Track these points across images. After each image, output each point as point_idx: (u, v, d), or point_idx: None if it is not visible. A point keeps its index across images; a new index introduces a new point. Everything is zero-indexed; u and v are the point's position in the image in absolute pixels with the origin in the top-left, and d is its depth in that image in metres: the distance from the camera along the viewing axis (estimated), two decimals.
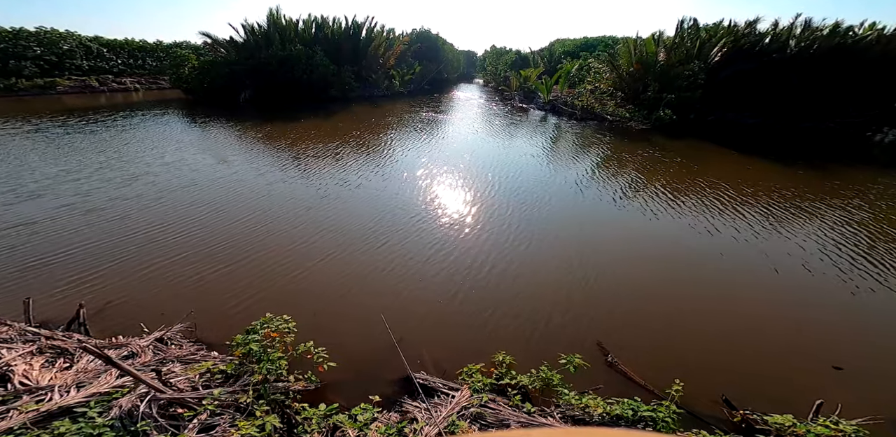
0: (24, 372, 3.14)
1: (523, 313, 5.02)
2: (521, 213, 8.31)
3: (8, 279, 5.32)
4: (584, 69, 27.93)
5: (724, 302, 5.43)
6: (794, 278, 6.14)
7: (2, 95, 24.46)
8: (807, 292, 5.84)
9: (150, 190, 8.91)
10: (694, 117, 18.95)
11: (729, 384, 3.96)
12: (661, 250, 6.95)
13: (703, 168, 12.43)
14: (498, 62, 42.81)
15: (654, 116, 19.03)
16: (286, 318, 3.80)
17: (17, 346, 3.73)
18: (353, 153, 13.08)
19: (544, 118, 22.56)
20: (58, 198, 8.23)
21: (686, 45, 19.44)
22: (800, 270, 6.38)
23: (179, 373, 3.30)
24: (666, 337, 4.69)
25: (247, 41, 25.79)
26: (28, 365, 3.35)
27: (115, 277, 5.44)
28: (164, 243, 6.43)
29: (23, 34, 27.10)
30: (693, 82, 18.41)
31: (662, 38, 20.58)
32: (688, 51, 19.22)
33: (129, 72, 33.01)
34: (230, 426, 2.55)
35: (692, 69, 18.41)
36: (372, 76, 29.48)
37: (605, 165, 12.73)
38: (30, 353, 3.63)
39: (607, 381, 3.96)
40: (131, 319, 4.63)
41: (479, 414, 3.22)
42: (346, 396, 3.37)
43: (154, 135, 14.86)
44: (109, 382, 3.13)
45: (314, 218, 7.69)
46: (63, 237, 6.51)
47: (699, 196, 9.77)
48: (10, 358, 3.41)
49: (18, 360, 3.43)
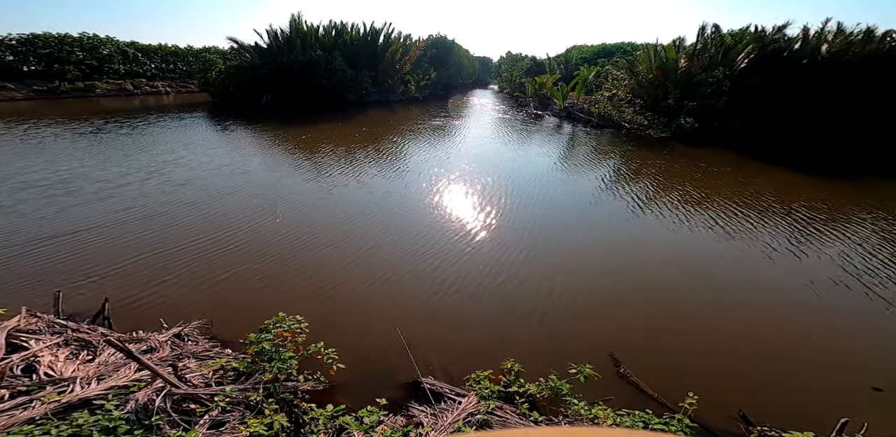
0: (49, 363, 3.30)
1: (534, 320, 4.97)
2: (533, 220, 8.23)
3: (40, 272, 5.60)
4: (601, 76, 27.63)
5: (746, 316, 5.22)
6: (826, 293, 5.86)
7: (45, 97, 25.95)
8: (838, 307, 5.57)
9: (181, 191, 9.25)
10: (717, 125, 18.37)
11: (747, 400, 3.81)
12: (679, 261, 6.76)
13: (726, 178, 12.04)
14: (513, 68, 42.76)
15: (675, 124, 18.60)
16: (299, 318, 3.87)
17: (45, 337, 3.91)
18: (369, 158, 13.28)
19: (559, 125, 22.36)
20: (111, 199, 8.65)
21: (710, 51, 18.95)
22: (831, 285, 6.08)
23: (194, 369, 3.39)
24: (681, 350, 4.55)
25: (270, 46, 26.61)
26: (54, 357, 3.51)
27: (140, 273, 5.66)
28: (187, 243, 6.64)
29: (67, 39, 28.71)
30: (717, 89, 17.92)
31: (684, 45, 20.14)
32: (711, 57, 18.73)
33: (161, 76, 34.52)
34: (239, 423, 2.61)
35: (716, 76, 17.93)
36: (388, 81, 29.93)
37: (622, 174, 12.48)
38: (56, 345, 3.80)
39: (618, 392, 3.86)
40: (152, 314, 4.80)
41: (486, 421, 3.19)
42: (354, 398, 3.40)
43: (180, 137, 15.46)
44: (128, 375, 3.25)
45: (332, 224, 7.82)
46: (95, 234, 6.82)
47: (722, 206, 9.46)
48: (37, 349, 3.58)
49: (45, 351, 3.59)
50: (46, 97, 25.92)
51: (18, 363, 3.37)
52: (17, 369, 3.27)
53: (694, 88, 18.50)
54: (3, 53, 26.26)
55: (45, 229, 6.92)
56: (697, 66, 18.91)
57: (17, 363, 3.36)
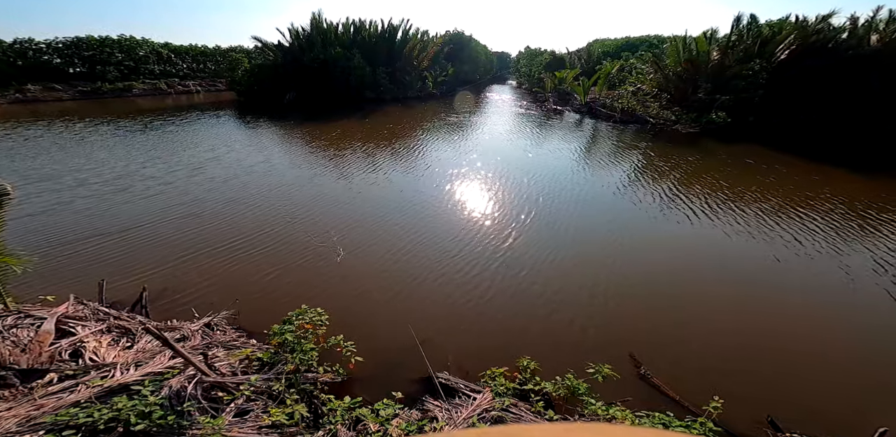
0: (93, 349, 3.55)
1: (553, 319, 4.93)
2: (556, 218, 8.12)
3: (88, 262, 6.01)
4: (625, 70, 26.71)
5: (777, 320, 4.99)
6: (867, 298, 5.51)
7: (89, 97, 27.53)
8: (879, 313, 5.23)
9: (216, 188, 9.64)
10: (753, 120, 17.35)
11: (777, 406, 3.66)
12: (706, 262, 6.50)
13: (762, 176, 11.38)
14: (532, 63, 41.98)
15: (705, 119, 17.75)
16: (320, 311, 3.99)
17: (91, 324, 4.21)
18: (395, 156, 13.42)
19: (580, 121, 21.80)
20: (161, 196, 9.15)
21: (745, 42, 17.89)
22: (873, 290, 5.70)
23: (222, 358, 3.58)
24: (706, 353, 4.40)
25: (292, 45, 27.13)
26: (97, 343, 3.78)
27: (177, 266, 5.97)
28: (223, 239, 6.94)
29: (108, 42, 30.25)
30: (753, 82, 16.94)
31: (716, 37, 19.14)
32: (747, 49, 17.68)
33: (192, 75, 35.86)
34: (262, 412, 2.74)
35: (752, 68, 16.94)
36: (406, 78, 29.92)
37: (649, 171, 12.05)
38: (100, 331, 4.09)
39: (637, 394, 3.79)
40: (184, 304, 5.07)
41: (500, 418, 3.21)
42: (370, 391, 3.50)
43: (218, 134, 16.09)
44: (163, 362, 3.46)
45: (365, 224, 7.95)
46: (140, 230, 7.23)
47: (755, 205, 9.01)
48: (83, 335, 3.87)
49: (90, 337, 3.87)
50: (89, 97, 27.48)
51: (67, 348, 3.65)
52: (65, 353, 3.55)
53: (727, 81, 17.57)
54: (52, 56, 27.96)
55: (96, 224, 7.39)
56: (731, 59, 17.92)
57: (66, 348, 3.64)
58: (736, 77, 17.35)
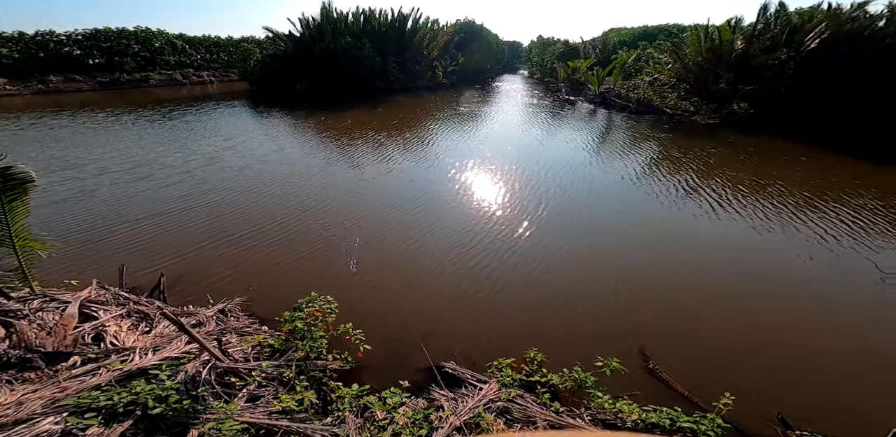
0: (114, 333, 3.70)
1: (562, 312, 4.90)
2: (570, 208, 8.01)
3: (111, 249, 6.22)
4: (642, 60, 25.89)
5: (798, 317, 4.85)
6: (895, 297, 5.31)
7: (107, 87, 28.09)
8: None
9: (232, 177, 9.80)
10: (777, 111, 16.66)
11: (788, 404, 3.59)
12: (726, 256, 6.32)
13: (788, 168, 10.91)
14: (544, 53, 40.94)
15: (726, 110, 17.16)
16: (329, 298, 4.05)
17: (112, 309, 4.37)
18: (405, 146, 13.36)
19: (594, 111, 21.26)
20: (173, 184, 9.38)
21: (773, 31, 17.07)
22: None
23: (235, 344, 3.68)
24: (718, 350, 4.32)
25: (303, 34, 27.02)
26: (118, 327, 3.93)
27: (193, 253, 6.13)
28: (238, 228, 7.08)
29: (125, 33, 30.61)
30: (780, 72, 16.23)
31: (740, 25, 18.31)
32: (774, 38, 16.88)
33: (205, 66, 36.13)
34: (273, 398, 2.82)
35: (779, 58, 16.21)
36: (416, 68, 29.56)
37: (667, 162, 11.72)
38: (120, 316, 4.24)
39: (645, 388, 3.76)
40: (200, 290, 5.21)
41: (506, 408, 3.23)
42: (378, 379, 3.56)
43: (233, 124, 16.29)
44: (180, 347, 3.58)
45: (376, 214, 7.98)
46: (159, 218, 7.43)
47: (780, 198, 8.68)
48: (105, 319, 4.02)
49: (111, 321, 4.02)
50: (109, 88, 28.03)
51: (89, 332, 3.80)
52: (88, 337, 3.70)
53: (752, 71, 16.89)
54: (72, 48, 28.48)
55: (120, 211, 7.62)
56: (757, 48, 17.18)
57: (88, 332, 3.79)
58: (761, 67, 16.66)
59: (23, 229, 4.31)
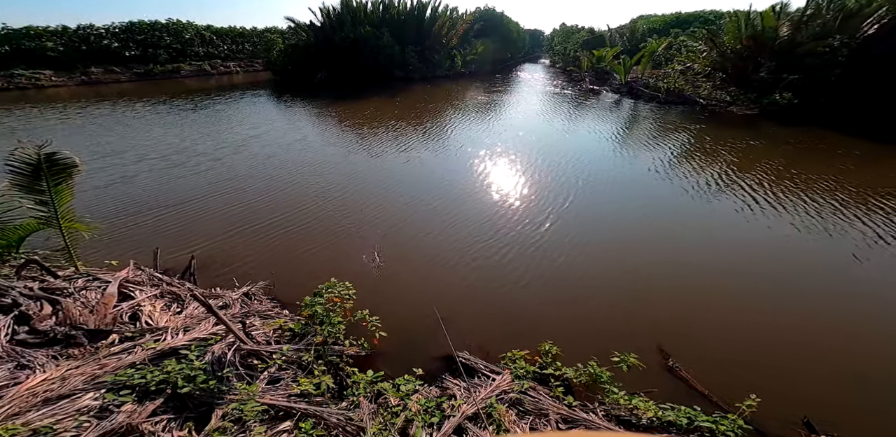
0: (149, 313, 3.93)
1: (581, 306, 4.83)
2: (597, 201, 7.81)
3: (146, 231, 6.57)
4: (673, 48, 24.59)
5: (835, 319, 4.58)
6: None
7: (142, 78, 29.25)
8: None
9: (259, 164, 10.08)
10: (825, 102, 15.47)
11: (815, 408, 3.43)
12: (765, 255, 5.97)
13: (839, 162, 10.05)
14: (567, 41, 39.60)
15: (767, 100, 16.12)
16: (348, 284, 4.14)
17: (147, 289, 4.64)
18: (427, 135, 13.30)
19: (619, 101, 20.40)
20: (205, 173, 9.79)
21: (824, 16, 15.75)
22: None
23: (258, 327, 3.84)
24: (742, 350, 4.16)
25: (323, 24, 27.14)
26: (152, 307, 4.17)
27: (222, 237, 6.40)
28: (264, 215, 7.32)
29: (158, 26, 31.61)
30: (830, 60, 15.02)
31: (786, 11, 17.08)
32: (825, 24, 15.58)
33: (231, 56, 36.92)
34: (292, 381, 2.94)
35: (830, 45, 14.96)
36: (435, 57, 29.20)
37: (702, 154, 11.12)
38: (154, 296, 4.50)
39: (663, 386, 3.68)
40: (226, 272, 5.45)
41: (518, 400, 3.25)
42: (392, 366, 3.64)
43: (260, 112, 16.70)
44: (207, 329, 3.77)
45: (398, 204, 8.04)
46: (191, 203, 7.77)
47: (830, 195, 8.06)
48: (140, 299, 4.28)
49: (146, 302, 4.28)
50: (143, 79, 29.19)
51: (127, 311, 4.06)
52: (125, 316, 3.96)
53: (798, 59, 15.76)
54: (111, 41, 29.69)
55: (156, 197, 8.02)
56: (805, 35, 15.97)
57: (126, 311, 4.05)
58: (808, 55, 15.52)
59: (68, 211, 4.60)
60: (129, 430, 2.36)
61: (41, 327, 3.41)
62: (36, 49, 25.80)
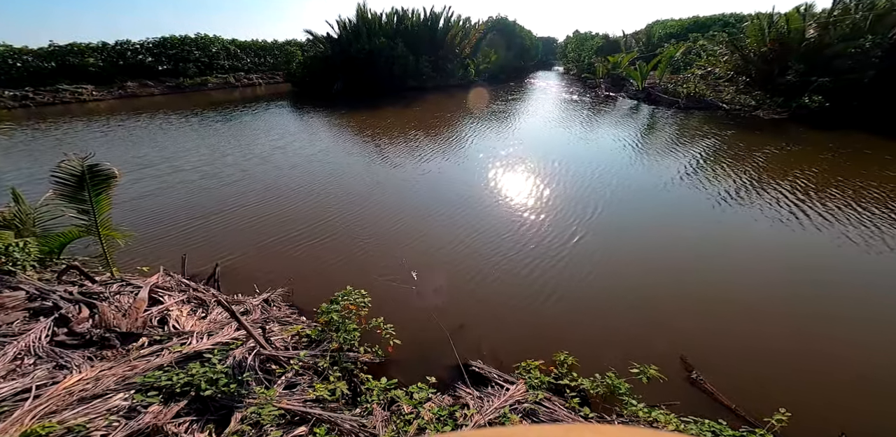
0: (176, 317, 4.11)
1: (598, 314, 4.74)
2: (621, 212, 7.66)
3: (176, 240, 6.89)
4: (692, 52, 24.13)
5: (867, 334, 4.33)
6: None
7: (173, 91, 30.80)
8: None
9: (283, 175, 10.41)
10: (858, 104, 14.80)
11: (851, 425, 3.24)
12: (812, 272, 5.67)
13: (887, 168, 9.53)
14: (581, 48, 39.26)
15: (795, 104, 15.59)
16: (363, 292, 4.20)
17: (175, 294, 4.85)
18: (445, 144, 13.45)
19: (637, 107, 20.07)
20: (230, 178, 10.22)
21: (853, 17, 15.16)
22: None
23: (277, 333, 3.95)
24: (770, 363, 3.98)
25: (340, 36, 27.94)
26: (179, 312, 4.36)
27: (246, 247, 6.63)
28: (287, 226, 7.55)
29: (187, 40, 33.30)
30: (862, 62, 14.41)
31: (812, 12, 16.55)
32: (855, 25, 14.99)
33: (254, 69, 38.42)
34: (308, 386, 3.01)
35: (862, 46, 14.34)
36: (448, 66, 29.53)
37: (733, 161, 10.72)
38: (181, 301, 4.70)
39: (686, 399, 3.56)
40: (247, 279, 5.63)
41: (532, 410, 3.21)
42: (406, 374, 3.67)
43: (282, 124, 17.32)
44: (229, 333, 3.91)
45: (418, 215, 8.15)
46: (218, 214, 8.10)
47: (886, 203, 7.60)
48: (169, 304, 4.48)
49: (174, 306, 4.48)
50: (174, 92, 30.71)
51: (156, 315, 4.26)
52: (155, 320, 4.15)
53: (827, 61, 15.23)
54: (145, 56, 31.48)
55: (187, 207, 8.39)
56: (834, 36, 15.40)
57: (155, 315, 4.24)
58: (838, 56, 14.97)
59: (107, 220, 4.89)
60: (155, 430, 2.47)
61: (79, 329, 3.62)
62: (78, 65, 27.58)
